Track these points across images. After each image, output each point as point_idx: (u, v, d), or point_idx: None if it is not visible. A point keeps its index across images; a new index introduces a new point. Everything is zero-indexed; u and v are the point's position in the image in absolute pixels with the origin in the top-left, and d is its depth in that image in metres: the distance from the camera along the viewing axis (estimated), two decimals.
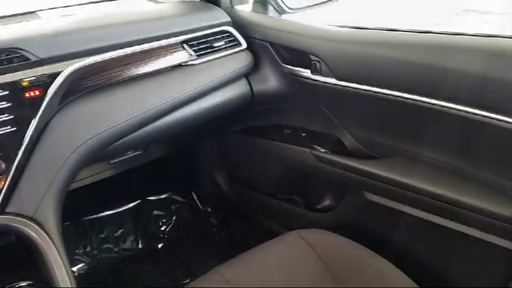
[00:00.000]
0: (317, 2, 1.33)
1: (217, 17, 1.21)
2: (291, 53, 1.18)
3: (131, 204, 1.67)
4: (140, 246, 1.63)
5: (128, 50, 1.02)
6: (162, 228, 1.69)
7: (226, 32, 1.21)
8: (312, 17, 1.28)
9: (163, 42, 1.09)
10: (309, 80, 1.13)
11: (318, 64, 1.10)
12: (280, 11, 1.27)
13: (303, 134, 1.24)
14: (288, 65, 1.18)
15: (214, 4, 1.27)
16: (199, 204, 1.76)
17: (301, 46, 1.13)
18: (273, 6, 1.26)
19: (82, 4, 1.34)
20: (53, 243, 0.83)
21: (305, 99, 1.20)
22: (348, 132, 1.14)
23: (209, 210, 1.75)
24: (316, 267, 0.93)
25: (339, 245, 0.99)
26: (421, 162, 1.01)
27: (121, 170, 1.46)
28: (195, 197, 1.77)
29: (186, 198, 1.76)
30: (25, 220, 0.83)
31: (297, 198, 1.38)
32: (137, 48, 1.04)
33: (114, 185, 1.50)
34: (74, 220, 1.55)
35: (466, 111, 0.88)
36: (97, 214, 1.60)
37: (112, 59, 1.00)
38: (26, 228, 0.82)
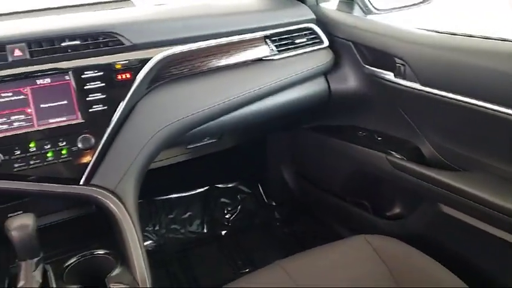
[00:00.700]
0: (406, 4, 1.28)
1: (302, 13, 1.21)
2: (374, 54, 1.15)
3: (200, 190, 1.73)
4: (205, 231, 1.69)
5: (213, 42, 1.06)
6: (227, 216, 1.73)
7: (309, 29, 1.20)
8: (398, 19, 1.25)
9: (247, 36, 1.11)
10: (390, 83, 1.10)
11: (402, 67, 1.07)
12: (366, 11, 1.24)
13: (379, 138, 1.21)
14: (370, 66, 1.16)
15: (300, 1, 1.27)
16: (264, 197, 1.78)
17: (386, 48, 1.10)
18: (359, 6, 1.24)
19: None
20: (130, 217, 0.88)
21: (384, 102, 1.17)
22: (427, 140, 1.10)
23: (274, 204, 1.76)
24: (380, 272, 0.91)
25: (407, 254, 0.96)
26: (503, 178, 0.95)
27: (195, 155, 1.52)
28: (261, 190, 1.79)
29: (252, 189, 1.80)
30: (107, 193, 0.89)
31: (365, 202, 1.35)
32: (221, 40, 1.07)
33: (187, 169, 1.56)
34: (147, 199, 1.64)
35: None
36: (168, 195, 1.68)
37: (197, 50, 1.04)
38: (107, 201, 0.89)
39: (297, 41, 1.18)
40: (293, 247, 1.57)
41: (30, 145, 0.86)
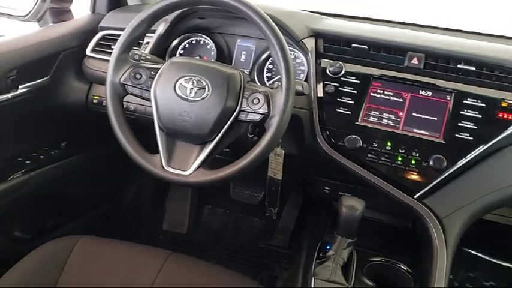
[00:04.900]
0: None
1: None
2: None
3: None
4: None
5: None
6: None
7: None
8: None
9: None
10: None
11: None
12: None
13: None
14: None
15: None
16: None
17: None
18: None
19: None
20: (446, 253, 0.84)
21: None
22: None
23: None
24: None
25: None
26: None
27: None
28: None
29: None
30: (434, 218, 0.87)
31: None
32: None
33: None
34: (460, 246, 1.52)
35: None
36: (479, 253, 1.51)
37: None
38: (431, 225, 0.87)
39: None
40: None
41: (388, 143, 0.92)
